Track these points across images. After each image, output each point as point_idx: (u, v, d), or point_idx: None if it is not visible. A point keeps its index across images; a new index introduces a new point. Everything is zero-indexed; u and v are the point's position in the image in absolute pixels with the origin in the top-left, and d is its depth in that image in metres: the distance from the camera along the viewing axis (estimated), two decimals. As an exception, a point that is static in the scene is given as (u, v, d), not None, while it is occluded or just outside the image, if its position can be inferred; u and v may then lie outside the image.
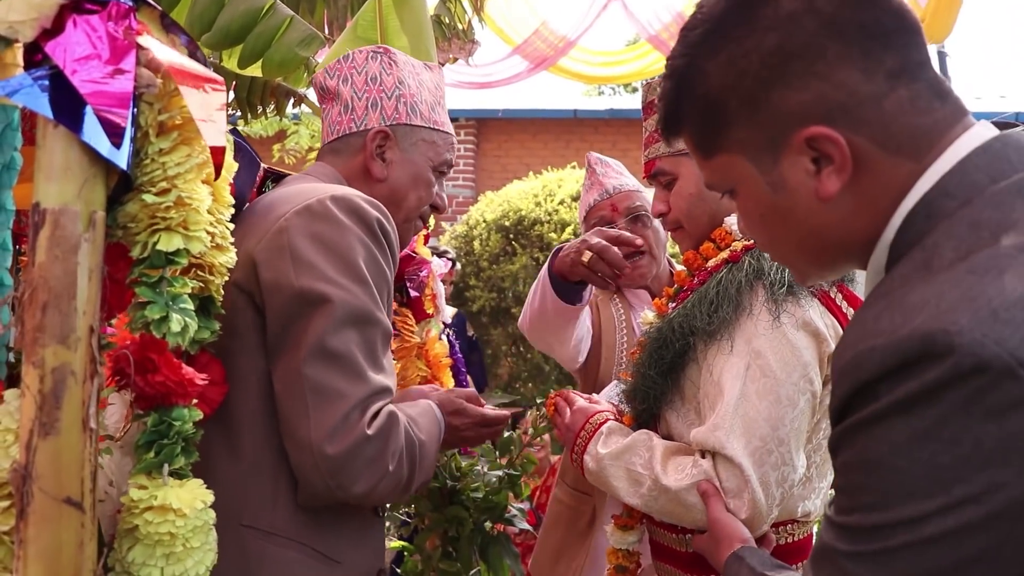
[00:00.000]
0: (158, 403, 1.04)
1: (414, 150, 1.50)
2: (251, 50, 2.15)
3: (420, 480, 1.34)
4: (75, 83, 0.93)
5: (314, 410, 1.18)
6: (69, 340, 0.92)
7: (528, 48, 5.81)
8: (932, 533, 0.65)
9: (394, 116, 1.49)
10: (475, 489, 2.56)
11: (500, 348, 6.59)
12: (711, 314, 1.39)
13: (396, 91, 1.49)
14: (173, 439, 1.04)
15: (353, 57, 1.52)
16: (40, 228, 0.93)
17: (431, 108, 1.53)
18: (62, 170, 0.93)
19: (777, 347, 1.33)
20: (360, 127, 1.48)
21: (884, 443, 0.67)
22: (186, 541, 1.01)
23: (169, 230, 1.01)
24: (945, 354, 0.64)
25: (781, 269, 1.38)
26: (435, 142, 1.53)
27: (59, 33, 0.95)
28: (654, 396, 1.47)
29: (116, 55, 0.97)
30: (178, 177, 1.01)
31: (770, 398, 1.31)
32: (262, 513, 1.25)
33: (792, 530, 1.46)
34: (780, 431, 1.30)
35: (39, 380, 0.91)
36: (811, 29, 0.77)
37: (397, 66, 1.51)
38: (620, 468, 1.42)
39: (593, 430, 1.50)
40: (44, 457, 0.91)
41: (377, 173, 1.47)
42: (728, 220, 1.50)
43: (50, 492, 0.91)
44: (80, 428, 0.92)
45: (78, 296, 0.93)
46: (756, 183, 0.84)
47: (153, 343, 1.02)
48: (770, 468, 1.29)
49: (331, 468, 1.18)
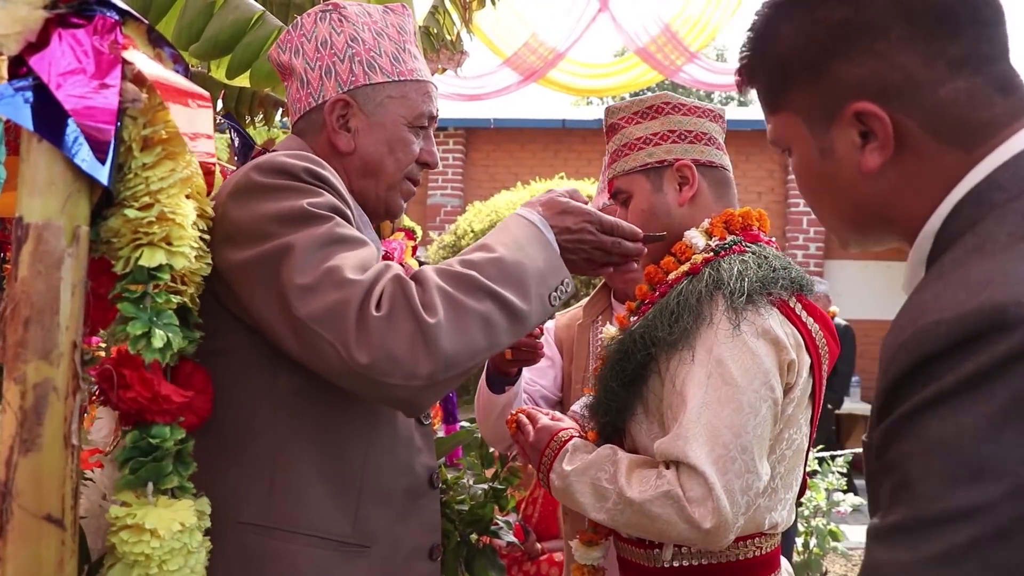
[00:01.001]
0: (137, 420, 1.02)
1: (381, 111, 1.36)
2: (240, 60, 2.14)
3: (524, 296, 1.15)
4: (60, 97, 0.93)
5: (329, 336, 1.06)
6: (52, 356, 0.91)
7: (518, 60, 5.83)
8: (1003, 522, 0.58)
9: (350, 80, 1.34)
10: (460, 502, 2.57)
11: (487, 358, 6.58)
12: (672, 324, 1.40)
13: (348, 51, 1.35)
14: (156, 457, 1.02)
15: (302, 23, 1.39)
16: (23, 243, 0.92)
17: (394, 58, 1.37)
18: (46, 185, 0.93)
19: (738, 355, 1.34)
20: (318, 100, 1.36)
21: (949, 423, 0.62)
22: (162, 563, 0.99)
23: (152, 245, 1.00)
24: (1017, 325, 0.61)
25: (741, 279, 1.39)
26: (405, 95, 1.37)
27: (44, 47, 0.95)
28: (617, 409, 1.48)
29: (101, 69, 0.96)
30: (161, 192, 1.01)
31: (732, 406, 1.32)
32: (259, 508, 1.20)
33: (760, 543, 1.46)
34: (743, 438, 1.31)
35: (20, 396, 0.90)
36: (881, 7, 0.79)
37: (348, 21, 1.37)
38: (585, 484, 1.42)
39: (558, 448, 1.50)
40: (24, 474, 0.90)
41: (343, 146, 1.35)
42: (688, 234, 1.52)
43: (30, 509, 0.90)
44: (62, 444, 0.91)
45: (61, 311, 0.92)
46: (808, 146, 0.87)
47: (128, 359, 1.00)
48: (734, 476, 1.30)
49: (383, 373, 1.05)
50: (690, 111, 1.57)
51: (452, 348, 1.07)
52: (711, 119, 1.59)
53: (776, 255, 1.46)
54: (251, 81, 2.19)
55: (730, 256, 1.44)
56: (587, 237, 1.30)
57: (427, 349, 1.06)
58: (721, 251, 1.46)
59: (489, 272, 1.15)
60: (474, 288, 1.13)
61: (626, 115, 1.60)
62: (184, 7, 2.05)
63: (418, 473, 1.37)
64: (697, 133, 1.56)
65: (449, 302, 1.10)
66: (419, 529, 1.36)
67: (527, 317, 1.17)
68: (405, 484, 1.34)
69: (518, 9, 5.76)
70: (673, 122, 1.56)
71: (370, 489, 1.28)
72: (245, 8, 2.06)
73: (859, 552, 5.90)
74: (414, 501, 1.36)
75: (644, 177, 1.57)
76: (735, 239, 1.48)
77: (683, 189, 1.54)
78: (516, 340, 1.19)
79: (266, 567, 1.19)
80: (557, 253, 1.25)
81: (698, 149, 1.56)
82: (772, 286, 1.40)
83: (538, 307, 1.19)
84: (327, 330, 1.07)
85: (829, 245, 11.06)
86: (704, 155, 1.56)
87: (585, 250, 1.31)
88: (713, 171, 1.57)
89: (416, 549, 1.36)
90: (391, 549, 1.30)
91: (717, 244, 1.48)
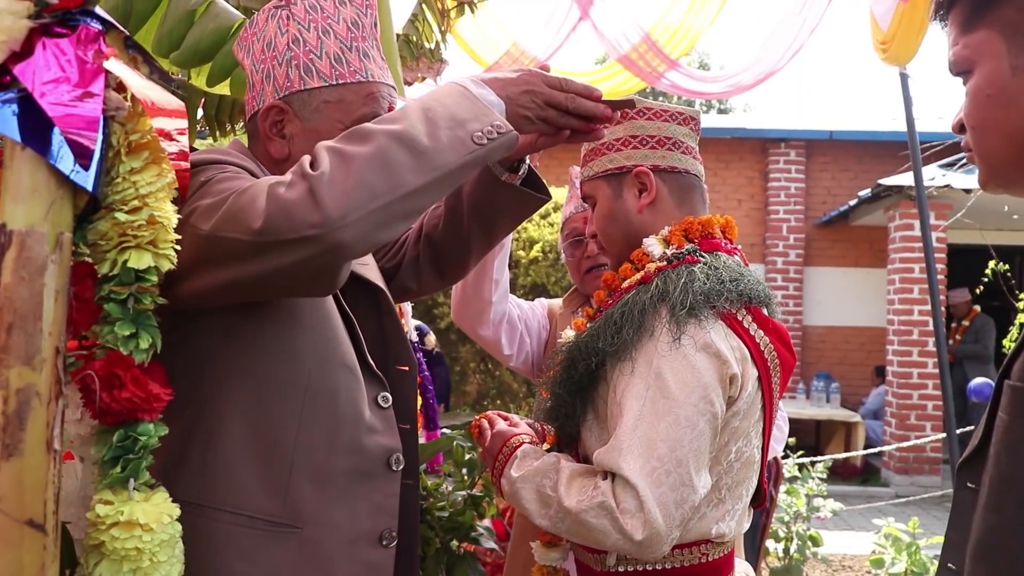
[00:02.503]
0: (123, 419, 1.04)
1: (316, 116, 1.32)
2: (220, 68, 2.15)
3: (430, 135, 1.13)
4: (44, 106, 0.94)
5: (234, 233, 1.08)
6: (34, 361, 0.92)
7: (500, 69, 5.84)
8: None
9: (286, 85, 1.31)
10: (441, 508, 2.58)
11: (468, 365, 6.59)
12: (614, 336, 1.41)
13: (288, 53, 1.31)
14: (139, 454, 1.04)
15: (256, 20, 1.36)
16: (7, 249, 0.93)
17: (336, 59, 1.32)
18: (29, 192, 0.94)
19: (677, 368, 1.35)
20: (260, 105, 1.33)
21: None
22: (153, 555, 1.01)
23: (139, 248, 1.02)
24: None
25: (685, 291, 1.39)
26: (343, 99, 1.32)
27: (28, 56, 0.96)
28: (566, 415, 1.49)
29: (85, 78, 0.97)
30: (150, 196, 1.02)
31: (669, 419, 1.32)
32: (190, 485, 1.19)
33: (706, 550, 1.47)
34: (678, 452, 1.31)
35: (3, 401, 0.91)
36: None
37: (294, 20, 1.32)
38: (531, 490, 1.43)
39: (509, 453, 1.52)
40: (6, 479, 0.91)
41: (276, 153, 1.33)
42: (646, 242, 1.53)
43: (12, 514, 0.91)
44: (44, 449, 0.92)
45: (44, 317, 0.93)
46: (1000, 62, 0.91)
47: (120, 360, 1.02)
48: (668, 489, 1.30)
49: (276, 231, 1.05)
50: (655, 115, 1.57)
51: (341, 191, 1.06)
52: (679, 123, 1.59)
53: (729, 266, 1.46)
54: (231, 88, 2.19)
55: (680, 267, 1.44)
56: (535, 90, 1.27)
57: (314, 198, 1.05)
58: (675, 260, 1.46)
59: (384, 120, 1.14)
60: (360, 136, 1.12)
61: None
62: (164, 15, 2.05)
63: (370, 454, 1.33)
64: (660, 138, 1.57)
65: (333, 153, 1.09)
66: (367, 512, 1.32)
67: (433, 152, 1.12)
68: (349, 464, 1.31)
69: (499, 17, 5.77)
70: (636, 127, 1.57)
71: (302, 467, 1.25)
72: (226, 16, 2.07)
73: (839, 557, 5.95)
74: (363, 483, 1.32)
75: (606, 183, 1.59)
76: (691, 248, 1.48)
77: (642, 195, 1.56)
78: (430, 176, 1.12)
79: (191, 545, 1.15)
80: (481, 103, 1.20)
81: (659, 155, 1.56)
82: (717, 299, 1.39)
83: (452, 144, 1.14)
84: (232, 229, 1.08)
85: (809, 252, 11.15)
86: (666, 160, 1.56)
87: (537, 104, 1.28)
88: (675, 176, 1.57)
89: (363, 534, 1.31)
90: (328, 532, 1.27)
91: (673, 253, 1.48)
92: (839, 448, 9.23)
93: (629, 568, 1.47)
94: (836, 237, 11.19)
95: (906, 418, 8.93)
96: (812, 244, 11.26)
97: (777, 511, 4.86)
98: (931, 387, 8.85)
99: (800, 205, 11.18)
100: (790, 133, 11.23)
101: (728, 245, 1.54)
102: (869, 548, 5.19)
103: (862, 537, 6.24)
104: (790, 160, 11.21)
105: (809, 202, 11.26)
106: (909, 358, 8.95)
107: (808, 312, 11.05)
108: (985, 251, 5.85)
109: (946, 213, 8.08)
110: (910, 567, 4.76)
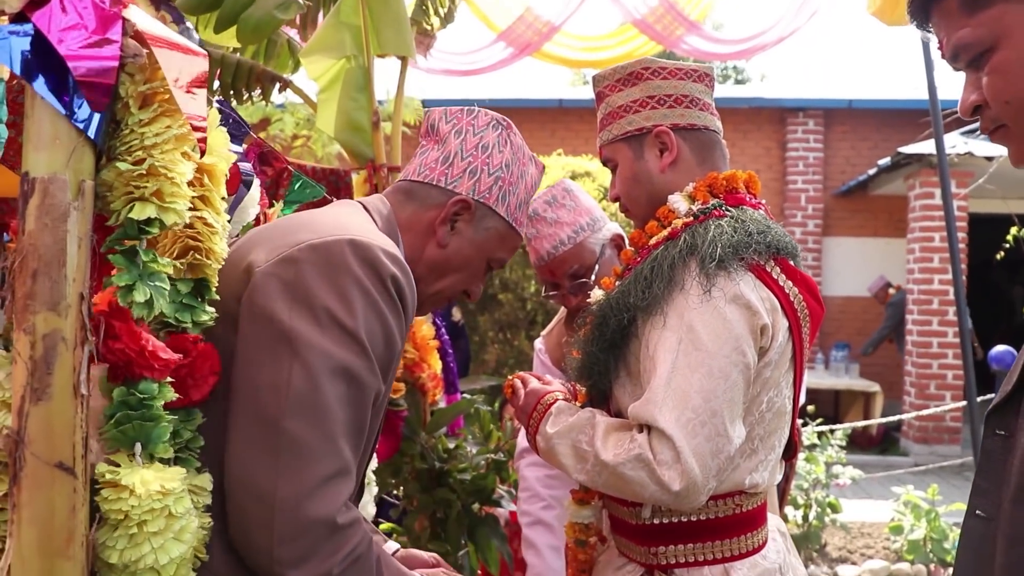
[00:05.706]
0: (126, 375, 1.01)
1: (483, 234, 1.44)
2: (228, 13, 2.12)
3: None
4: (61, 52, 0.94)
5: (287, 467, 1.10)
6: (59, 307, 0.93)
7: (512, 34, 5.79)
8: None
9: (484, 194, 1.43)
10: (463, 471, 2.59)
11: (487, 335, 6.61)
12: (645, 291, 1.42)
13: (498, 172, 1.44)
14: (144, 416, 1.01)
15: (477, 115, 1.48)
16: (29, 197, 0.93)
17: (519, 204, 1.48)
18: (50, 139, 0.94)
19: (709, 320, 1.36)
20: (449, 185, 1.42)
21: None
22: (142, 524, 0.97)
23: (143, 199, 0.99)
24: None
25: (714, 244, 1.40)
26: (504, 237, 1.47)
27: (45, 3, 0.95)
28: (599, 372, 1.50)
29: (102, 25, 0.97)
30: (155, 147, 0.99)
31: (702, 371, 1.34)
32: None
33: (740, 501, 1.48)
34: (712, 403, 1.33)
35: (30, 346, 0.92)
36: None
37: (510, 147, 1.47)
38: (567, 446, 1.45)
39: (544, 410, 1.53)
40: (36, 422, 0.91)
41: (441, 238, 1.41)
42: (671, 198, 1.53)
43: (42, 457, 0.92)
44: (71, 394, 0.93)
45: (68, 264, 0.93)
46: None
47: (118, 310, 1.00)
48: (703, 439, 1.32)
49: (292, 532, 1.09)
50: (670, 74, 1.57)
51: None
52: (694, 79, 1.59)
53: (756, 219, 1.47)
54: (238, 36, 2.18)
55: (708, 221, 1.45)
56: None
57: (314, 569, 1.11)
58: (701, 215, 1.47)
59: None
60: None
61: (610, 83, 1.62)
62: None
63: None
64: (677, 96, 1.57)
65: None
66: None
67: None
68: None
69: (512, -18, 5.72)
70: (652, 87, 1.57)
71: None
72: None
73: (858, 524, 5.96)
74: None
75: (626, 145, 1.59)
76: (717, 203, 1.49)
77: (663, 155, 1.56)
78: None
79: None
80: None
81: (678, 113, 1.56)
82: (745, 250, 1.40)
83: None
84: (290, 462, 1.11)
85: (827, 222, 11.07)
86: (685, 118, 1.56)
87: None
88: (695, 134, 1.57)
89: None
90: None
91: (699, 208, 1.49)
92: (858, 417, 9.21)
93: (664, 520, 1.49)
94: (855, 207, 11.09)
95: (926, 387, 8.89)
96: (831, 214, 11.17)
97: (796, 478, 4.86)
98: (951, 356, 8.80)
99: (819, 175, 11.09)
100: (808, 102, 11.11)
101: (753, 200, 1.55)
102: (888, 516, 5.19)
103: (881, 505, 6.24)
104: (808, 130, 11.09)
105: (828, 172, 11.16)
106: (929, 327, 8.90)
107: (827, 282, 10.99)
108: (1007, 219, 5.78)
109: (967, 181, 7.99)
110: (929, 533, 4.75)
